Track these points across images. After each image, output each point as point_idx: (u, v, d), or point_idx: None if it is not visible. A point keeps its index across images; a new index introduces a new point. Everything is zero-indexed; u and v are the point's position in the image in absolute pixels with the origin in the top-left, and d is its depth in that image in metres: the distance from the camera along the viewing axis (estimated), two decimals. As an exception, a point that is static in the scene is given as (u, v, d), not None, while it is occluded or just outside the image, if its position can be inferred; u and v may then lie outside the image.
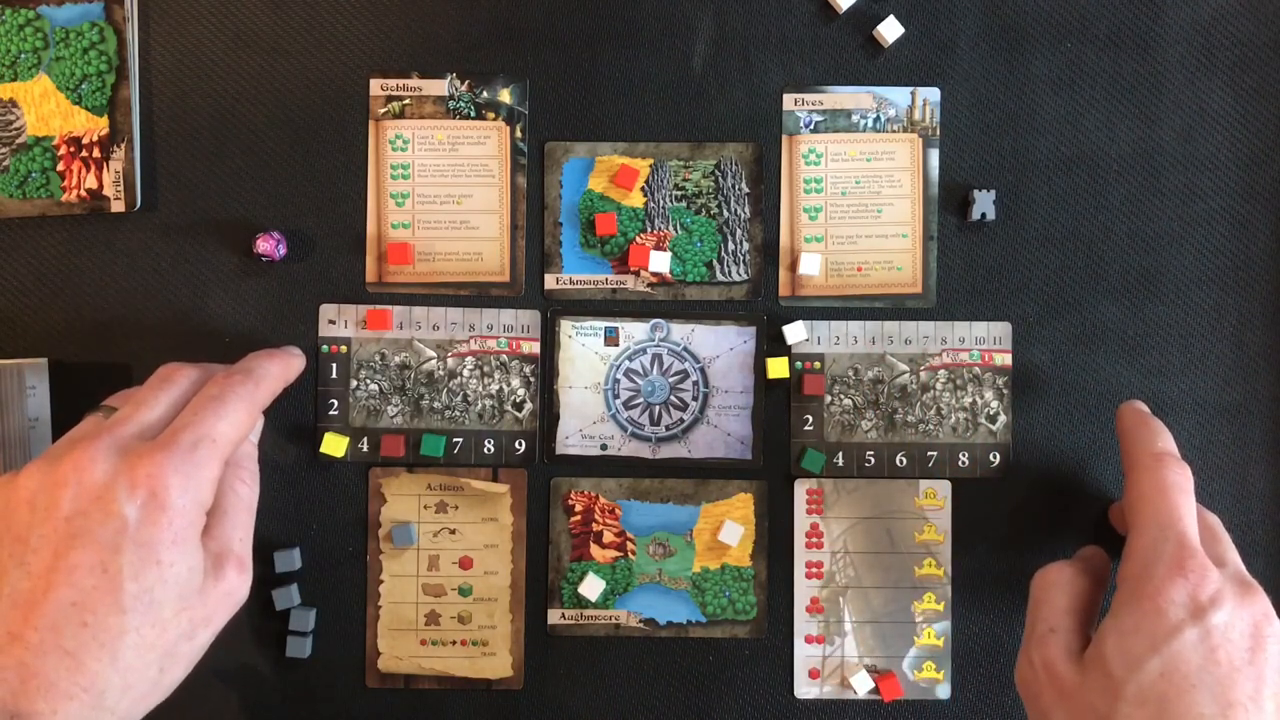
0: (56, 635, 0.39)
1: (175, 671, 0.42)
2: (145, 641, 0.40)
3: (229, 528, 0.44)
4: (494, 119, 0.52)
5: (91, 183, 0.51)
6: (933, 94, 0.53)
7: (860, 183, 0.53)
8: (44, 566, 0.40)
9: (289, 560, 0.51)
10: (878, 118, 0.53)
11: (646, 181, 0.53)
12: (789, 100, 0.53)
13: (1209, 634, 0.39)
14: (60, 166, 0.51)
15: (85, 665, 0.39)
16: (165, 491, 0.40)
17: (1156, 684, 0.39)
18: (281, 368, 0.48)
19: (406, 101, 0.52)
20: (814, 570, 0.53)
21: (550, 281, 0.53)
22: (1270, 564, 0.53)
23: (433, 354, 0.53)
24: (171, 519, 0.41)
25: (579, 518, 0.53)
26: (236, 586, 0.43)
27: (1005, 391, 0.53)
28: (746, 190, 0.53)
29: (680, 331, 0.53)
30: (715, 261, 0.53)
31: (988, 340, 0.53)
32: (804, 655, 0.53)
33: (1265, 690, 0.39)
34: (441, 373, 0.52)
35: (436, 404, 0.52)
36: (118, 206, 0.51)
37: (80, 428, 0.44)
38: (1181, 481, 0.44)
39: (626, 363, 0.53)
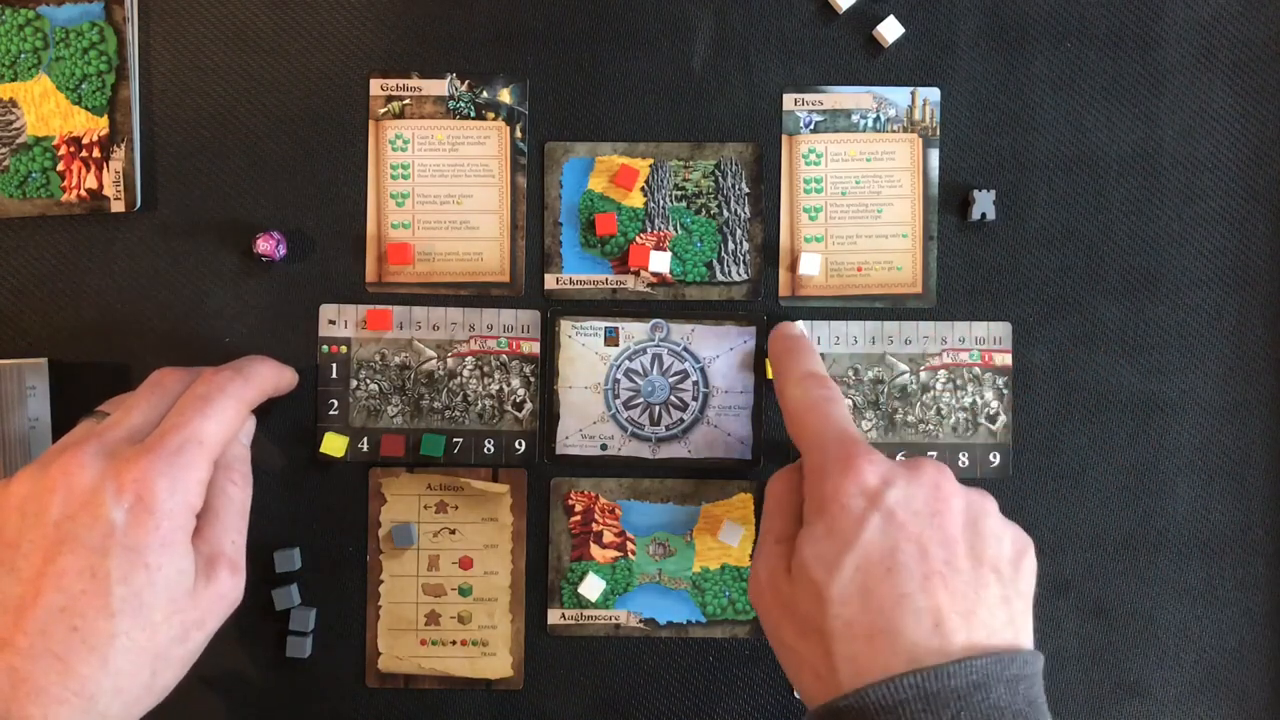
0: (46, 640, 0.39)
1: (168, 675, 0.42)
2: (136, 645, 0.40)
3: (220, 530, 0.44)
4: (494, 119, 0.52)
5: (91, 183, 0.51)
6: (933, 94, 0.53)
7: (860, 183, 0.53)
8: (33, 572, 0.40)
9: (289, 560, 0.51)
10: (878, 118, 0.53)
11: (646, 181, 0.53)
12: (789, 100, 0.53)
13: (891, 514, 0.40)
14: (60, 166, 0.51)
15: (75, 669, 0.39)
16: (152, 495, 0.40)
17: (856, 578, 0.39)
18: (273, 371, 0.48)
19: (406, 101, 0.52)
20: (814, 570, 0.53)
21: (550, 281, 0.53)
22: (1270, 564, 0.53)
23: (433, 354, 0.53)
24: (159, 522, 0.41)
25: (579, 518, 0.53)
26: (229, 589, 0.43)
27: (1005, 391, 0.53)
28: (746, 190, 0.53)
29: (680, 331, 0.53)
30: (715, 261, 0.53)
31: (988, 340, 0.53)
32: (804, 655, 0.52)
33: (958, 550, 0.40)
34: (441, 373, 0.52)
35: (436, 404, 0.52)
36: (118, 206, 0.51)
37: (72, 434, 0.44)
38: (831, 394, 0.45)
39: (626, 363, 0.53)
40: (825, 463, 0.42)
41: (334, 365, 0.52)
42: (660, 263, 0.52)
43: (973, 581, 0.39)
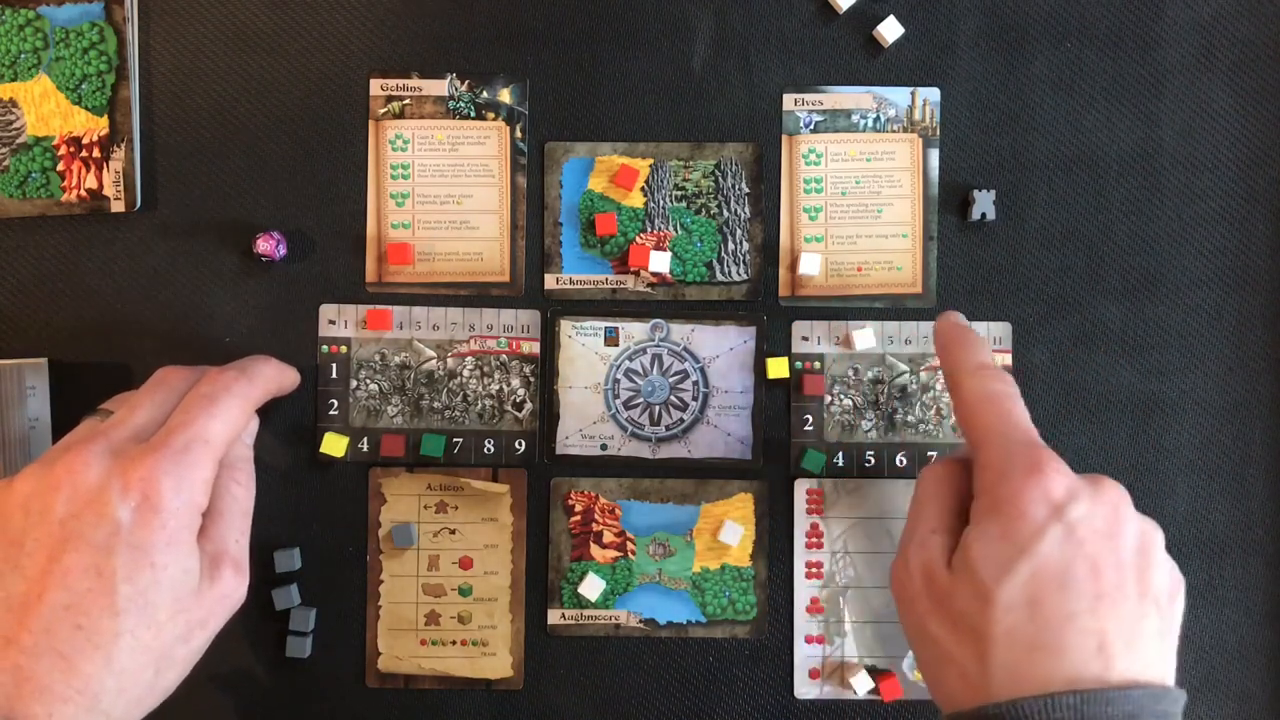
0: (51, 638, 0.39)
1: (171, 674, 0.42)
2: (140, 644, 0.40)
3: (224, 529, 0.44)
4: (494, 119, 0.52)
5: (91, 183, 0.51)
6: (933, 94, 0.53)
7: (860, 183, 0.53)
8: (38, 570, 0.40)
9: (289, 560, 0.51)
10: (878, 118, 0.53)
11: (646, 181, 0.53)
12: (789, 100, 0.53)
13: (1072, 530, 0.39)
14: (60, 166, 0.51)
15: (80, 668, 0.39)
16: (158, 494, 0.40)
17: (1027, 587, 0.38)
18: (277, 371, 0.48)
19: (406, 101, 0.52)
20: (814, 570, 0.53)
21: (550, 281, 0.53)
22: (1270, 564, 0.53)
23: (433, 354, 0.53)
24: (165, 521, 0.41)
25: (579, 518, 0.53)
26: (233, 588, 0.43)
27: (1005, 391, 0.53)
28: (746, 190, 0.53)
29: (680, 331, 0.53)
30: (715, 261, 0.53)
31: (987, 340, 0.53)
32: (804, 655, 0.53)
33: (1128, 576, 0.39)
34: (441, 373, 0.52)
35: (436, 404, 0.52)
36: (118, 206, 0.51)
37: (76, 432, 0.44)
38: (1010, 389, 0.43)
39: (626, 363, 0.53)
40: (1008, 463, 0.40)
41: (334, 365, 0.52)
42: (660, 263, 0.52)
43: (1137, 611, 0.39)
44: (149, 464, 0.41)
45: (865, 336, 0.52)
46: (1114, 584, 0.39)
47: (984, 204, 0.52)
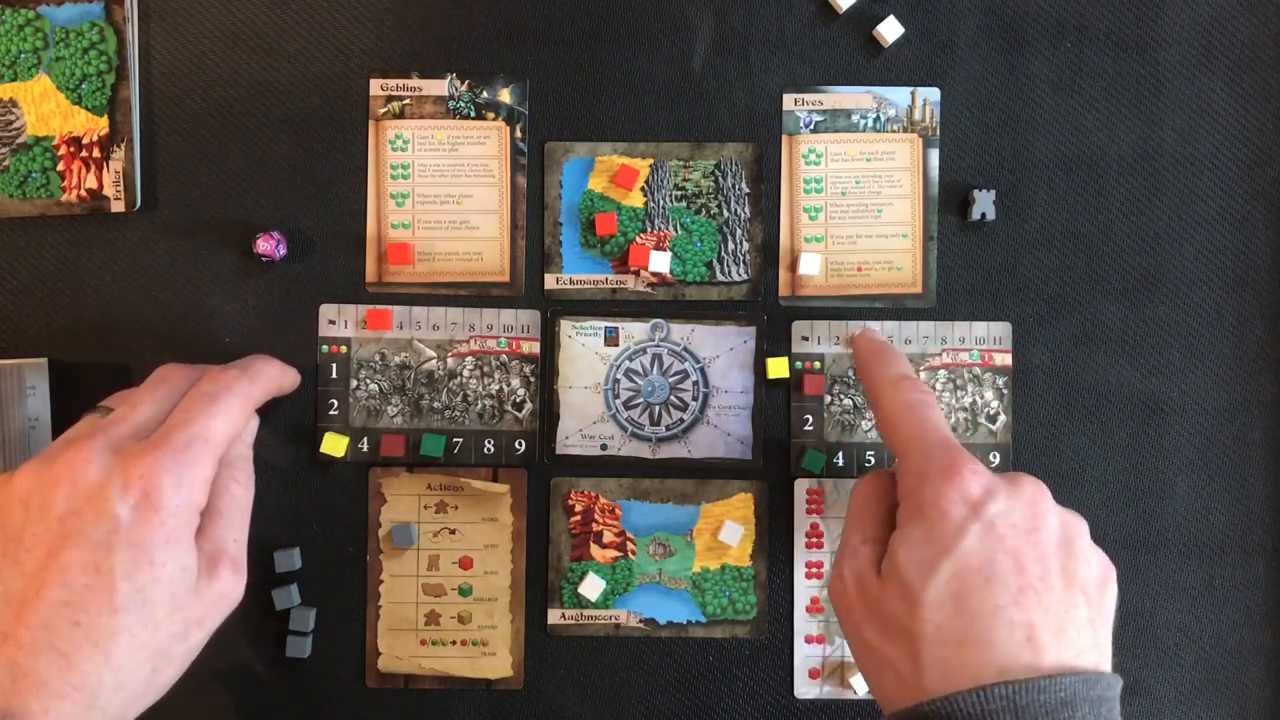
0: (49, 634, 0.39)
1: (168, 672, 0.42)
2: (138, 641, 0.40)
3: (223, 528, 0.44)
4: (494, 119, 0.52)
5: (91, 183, 0.51)
6: (933, 94, 0.53)
7: (860, 183, 0.53)
8: (37, 565, 0.40)
9: (289, 560, 0.51)
10: (878, 118, 0.53)
11: (646, 181, 0.53)
12: (789, 100, 0.53)
13: (991, 526, 0.40)
14: (60, 166, 0.51)
15: (77, 665, 0.39)
16: (158, 491, 0.40)
17: (951, 584, 0.39)
18: (278, 371, 0.48)
19: (406, 101, 0.52)
20: (814, 570, 0.53)
21: (550, 281, 0.53)
22: (1270, 564, 0.53)
23: (433, 354, 0.53)
24: (164, 519, 0.41)
25: (579, 518, 0.53)
26: (231, 587, 0.43)
27: (1005, 391, 0.53)
28: (746, 190, 0.53)
29: (680, 331, 0.53)
30: (715, 261, 0.53)
31: (988, 340, 0.53)
32: (804, 655, 0.53)
33: (1052, 568, 0.40)
34: (441, 373, 0.52)
35: (436, 404, 0.52)
36: (118, 206, 0.51)
37: (76, 428, 0.44)
38: (927, 398, 0.45)
39: (626, 363, 0.53)
40: (927, 468, 0.41)
41: (334, 365, 0.52)
42: (660, 263, 0.52)
43: (1064, 600, 0.39)
44: (149, 461, 0.41)
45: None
46: (1038, 576, 0.39)
47: (984, 204, 0.52)
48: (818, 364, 0.53)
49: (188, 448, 0.42)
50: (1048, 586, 0.39)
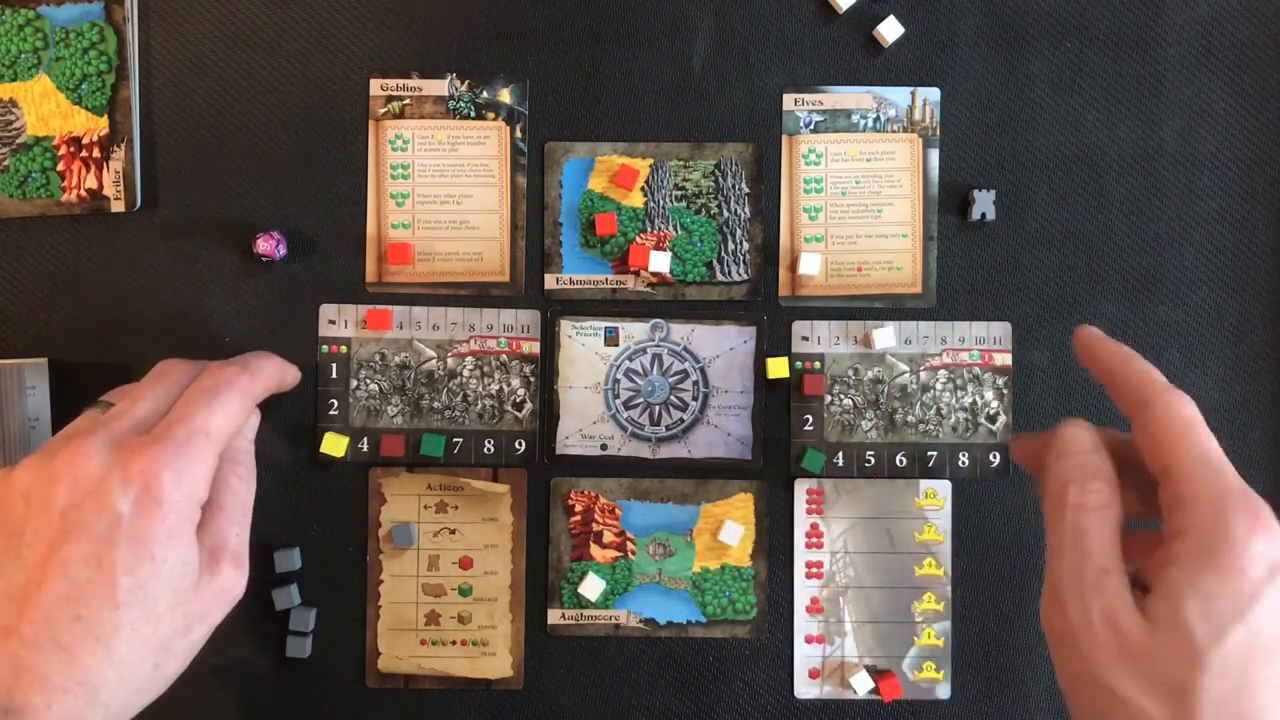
0: (51, 629, 0.39)
1: (170, 667, 0.42)
2: (140, 636, 0.40)
3: (225, 523, 0.44)
4: (494, 119, 0.52)
5: (91, 183, 0.51)
6: (933, 94, 0.53)
7: (860, 183, 0.53)
8: (38, 560, 0.40)
9: (289, 560, 0.51)
10: (878, 118, 0.53)
11: (646, 181, 0.53)
12: (789, 100, 0.53)
13: None
14: (60, 166, 0.51)
15: (79, 659, 0.39)
16: (159, 486, 0.40)
17: (1238, 652, 0.35)
18: (278, 367, 0.48)
19: (406, 101, 0.52)
20: (814, 570, 0.53)
21: (550, 281, 0.53)
22: (1270, 564, 0.53)
23: (433, 354, 0.53)
24: (165, 513, 0.41)
25: (579, 518, 0.53)
26: (233, 582, 0.43)
27: (1005, 391, 0.53)
28: (746, 190, 0.53)
29: (680, 331, 0.53)
30: (715, 261, 0.53)
31: (988, 340, 0.53)
32: (804, 655, 0.53)
33: None
34: (441, 373, 0.52)
35: (436, 404, 0.52)
36: (118, 206, 0.51)
37: (76, 423, 0.44)
38: (1200, 416, 0.39)
39: (626, 363, 0.53)
40: (1228, 507, 0.36)
41: (334, 365, 0.52)
42: (660, 263, 0.52)
43: None
44: (150, 456, 0.41)
45: (885, 336, 0.52)
46: None
47: (984, 204, 0.52)
48: (818, 364, 0.53)
49: (188, 442, 0.42)
50: None
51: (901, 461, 0.53)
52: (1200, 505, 0.37)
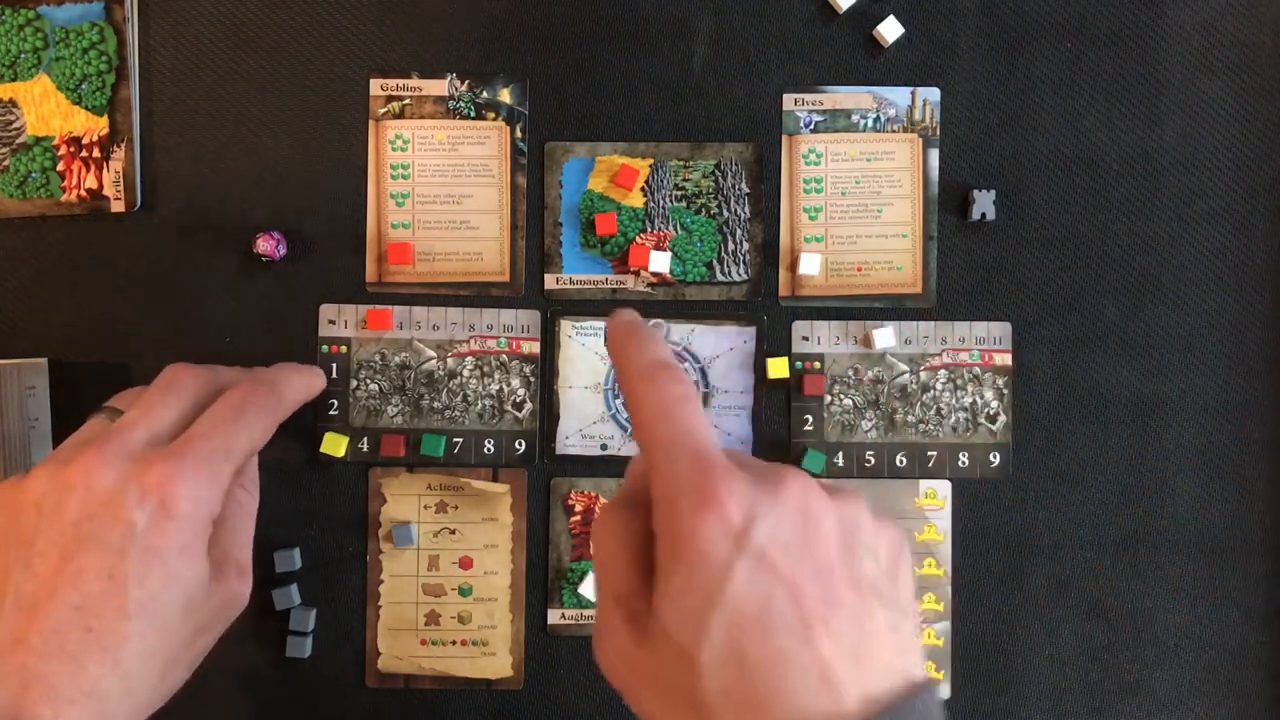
0: (60, 639, 0.39)
1: (175, 677, 0.42)
2: (148, 647, 0.40)
3: (230, 534, 0.44)
4: (494, 119, 0.52)
5: (91, 183, 0.51)
6: (933, 94, 0.53)
7: (860, 183, 0.53)
8: (49, 570, 0.39)
9: (289, 560, 0.51)
10: (878, 118, 0.53)
11: (646, 181, 0.53)
12: (789, 100, 0.53)
13: (761, 556, 0.32)
14: (60, 166, 0.51)
15: (88, 670, 0.39)
16: (175, 500, 0.40)
17: (727, 640, 0.32)
18: (305, 384, 0.48)
19: (406, 101, 0.52)
20: (814, 570, 0.53)
21: (550, 281, 0.53)
22: (1270, 564, 0.53)
23: (433, 354, 0.53)
24: (180, 527, 0.40)
25: (579, 518, 0.53)
26: (238, 592, 0.43)
27: (1005, 391, 0.53)
28: (746, 190, 0.53)
29: (680, 331, 0.53)
30: (715, 261, 0.53)
31: (988, 340, 0.53)
32: (804, 655, 0.52)
33: (836, 580, 0.33)
34: (441, 373, 0.52)
35: (436, 404, 0.52)
36: (118, 206, 0.51)
37: (86, 430, 0.44)
38: (684, 390, 0.35)
39: (626, 363, 0.53)
40: (677, 494, 0.33)
41: (334, 365, 0.52)
42: (660, 263, 0.52)
43: (856, 615, 0.33)
44: (168, 470, 0.41)
45: (885, 336, 0.52)
46: (821, 600, 0.33)
47: (984, 204, 0.52)
48: (818, 364, 0.53)
49: (209, 460, 0.42)
50: (835, 607, 0.33)
51: (901, 461, 0.53)
52: (659, 501, 0.34)
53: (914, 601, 0.37)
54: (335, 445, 0.51)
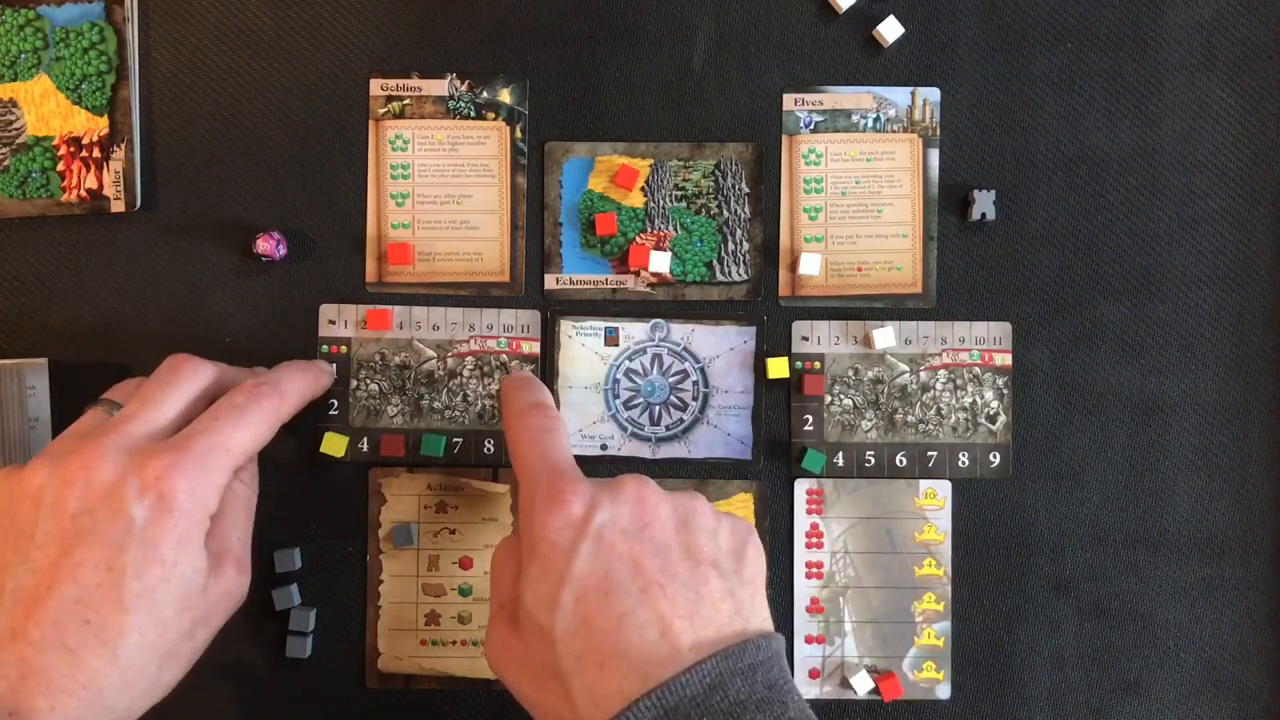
0: (59, 632, 0.39)
1: (174, 670, 0.42)
2: (146, 641, 0.40)
3: (228, 528, 0.44)
4: (494, 119, 0.53)
5: (91, 183, 0.51)
6: (933, 94, 0.53)
7: (860, 183, 0.53)
8: (48, 563, 0.40)
9: (289, 560, 0.51)
10: (878, 118, 0.53)
11: (646, 181, 0.53)
12: (789, 100, 0.53)
13: (600, 537, 0.39)
14: (60, 166, 0.51)
15: (86, 663, 0.39)
16: (174, 494, 0.41)
17: (577, 610, 0.38)
18: (310, 384, 0.48)
19: (406, 101, 0.52)
20: (814, 570, 0.53)
21: (550, 281, 0.53)
22: (1270, 564, 0.53)
23: (433, 354, 0.53)
24: (178, 521, 0.41)
25: (579, 518, 0.52)
26: (236, 586, 0.43)
27: (1005, 391, 0.53)
28: (746, 190, 0.53)
29: (680, 331, 0.53)
30: (715, 261, 0.53)
31: (988, 340, 0.53)
32: (804, 655, 0.53)
33: (673, 555, 0.39)
34: (441, 373, 0.52)
35: (436, 404, 0.52)
36: (118, 206, 0.51)
37: (84, 423, 0.44)
38: (548, 424, 0.43)
39: (626, 363, 0.53)
40: (534, 499, 0.41)
41: (334, 365, 0.52)
42: (660, 263, 0.52)
43: (692, 582, 0.39)
44: (167, 464, 0.41)
45: (885, 336, 0.52)
46: (659, 569, 0.39)
47: (984, 204, 0.52)
48: (818, 364, 0.53)
49: (208, 455, 0.42)
50: (672, 575, 0.39)
51: (901, 461, 0.53)
52: (523, 508, 0.42)
53: (760, 577, 0.42)
54: (335, 445, 0.51)
